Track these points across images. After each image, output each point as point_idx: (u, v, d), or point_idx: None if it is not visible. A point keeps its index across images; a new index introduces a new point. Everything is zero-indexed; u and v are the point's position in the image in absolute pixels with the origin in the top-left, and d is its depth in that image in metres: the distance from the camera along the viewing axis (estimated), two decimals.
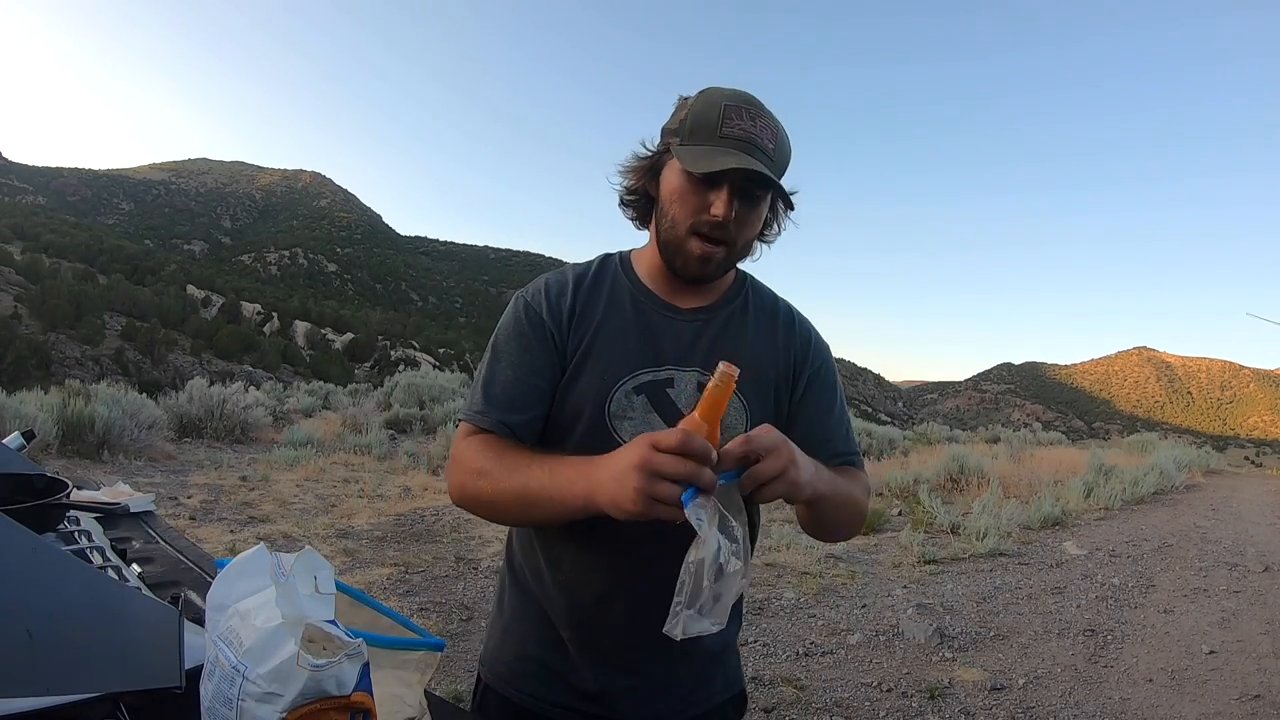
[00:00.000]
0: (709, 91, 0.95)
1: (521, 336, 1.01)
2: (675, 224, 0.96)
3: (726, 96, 0.93)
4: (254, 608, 0.53)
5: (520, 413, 0.98)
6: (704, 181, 0.92)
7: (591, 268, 1.08)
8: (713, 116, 0.91)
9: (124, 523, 1.38)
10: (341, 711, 0.51)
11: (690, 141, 0.92)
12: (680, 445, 0.71)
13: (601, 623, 1.01)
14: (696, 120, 0.93)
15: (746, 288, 1.10)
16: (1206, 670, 3.39)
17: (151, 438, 8.30)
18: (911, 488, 8.11)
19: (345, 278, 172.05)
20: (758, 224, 0.99)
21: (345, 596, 0.68)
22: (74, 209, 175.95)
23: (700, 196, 0.93)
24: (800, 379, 1.07)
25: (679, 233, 0.96)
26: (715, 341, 1.03)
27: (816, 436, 1.04)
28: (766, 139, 0.92)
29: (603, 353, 1.00)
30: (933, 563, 5.28)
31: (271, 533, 5.19)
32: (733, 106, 0.92)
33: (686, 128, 0.93)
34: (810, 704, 3.01)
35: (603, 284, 1.05)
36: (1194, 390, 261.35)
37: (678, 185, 0.95)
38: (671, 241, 0.97)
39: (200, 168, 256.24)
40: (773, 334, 1.07)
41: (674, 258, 0.98)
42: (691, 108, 0.94)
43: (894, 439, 14.01)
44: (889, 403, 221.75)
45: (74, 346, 38.31)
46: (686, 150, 0.92)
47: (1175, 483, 9.37)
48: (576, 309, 1.02)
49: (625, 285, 1.05)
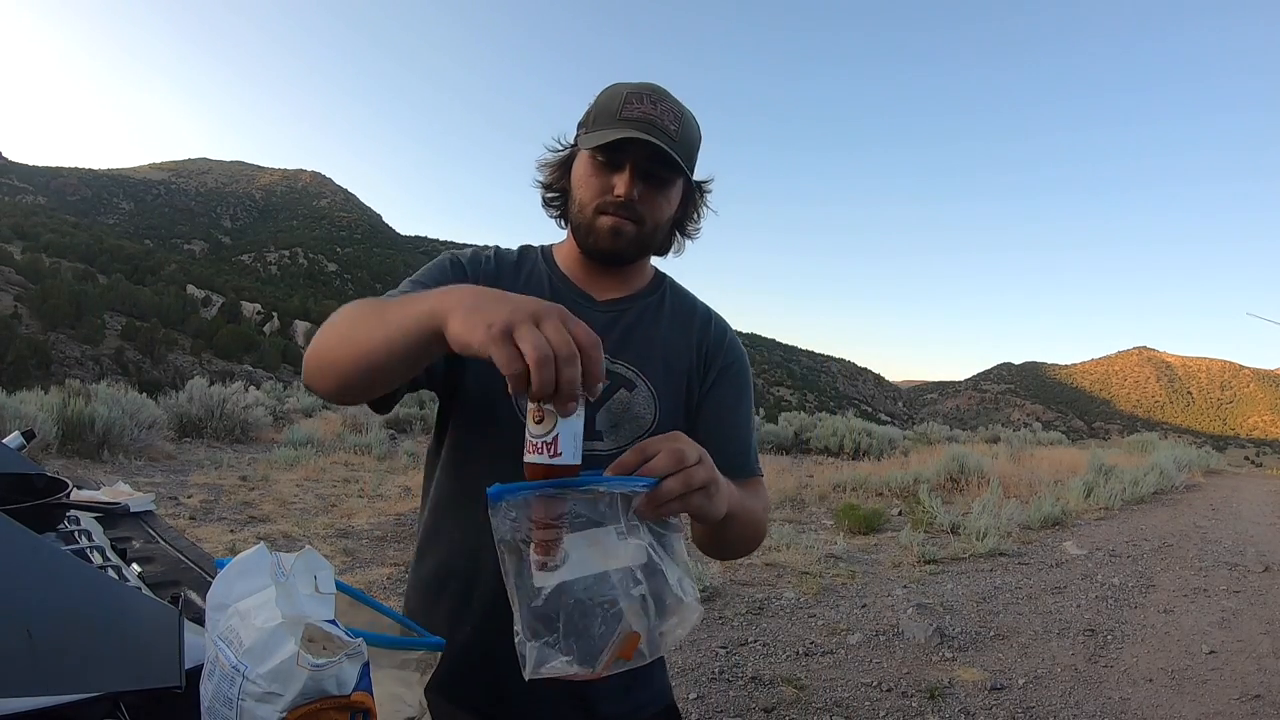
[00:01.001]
0: (614, 86, 0.97)
1: (442, 275, 0.99)
2: (583, 206, 0.97)
3: (630, 86, 0.95)
4: (254, 607, 0.53)
5: None
6: (607, 164, 0.94)
7: (512, 253, 1.09)
8: (614, 104, 0.93)
9: (124, 522, 1.38)
10: (341, 711, 0.51)
11: (594, 128, 0.95)
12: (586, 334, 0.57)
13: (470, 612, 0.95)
14: (600, 109, 0.95)
15: (665, 286, 1.11)
16: (1206, 670, 3.39)
17: (151, 437, 8.30)
18: (911, 488, 8.11)
19: (345, 277, 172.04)
20: (668, 207, 0.99)
21: (345, 596, 0.67)
22: (74, 209, 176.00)
23: (603, 178, 0.94)
24: (710, 372, 1.06)
25: (587, 214, 0.97)
26: (629, 331, 1.02)
27: (719, 434, 1.00)
28: (668, 121, 0.93)
29: None
30: (933, 562, 5.29)
31: (271, 532, 5.19)
32: (634, 93, 0.94)
33: (590, 117, 0.96)
34: (810, 704, 3.01)
35: (523, 266, 1.06)
36: (1194, 390, 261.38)
37: (583, 170, 0.96)
38: (582, 224, 0.98)
39: (200, 167, 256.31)
40: (687, 329, 1.07)
41: (586, 238, 0.98)
42: (597, 101, 0.97)
43: (894, 439, 14.03)
44: (889, 402, 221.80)
45: (74, 346, 38.32)
46: (588, 135, 0.94)
47: (1175, 483, 9.38)
48: (494, 279, 1.01)
49: (544, 272, 1.05)
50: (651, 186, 0.95)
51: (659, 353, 1.02)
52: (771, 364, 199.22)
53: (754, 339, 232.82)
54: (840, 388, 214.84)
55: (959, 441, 14.61)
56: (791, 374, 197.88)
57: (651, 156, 0.92)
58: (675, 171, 0.95)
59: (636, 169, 0.93)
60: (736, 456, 1.01)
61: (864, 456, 12.85)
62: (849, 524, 6.51)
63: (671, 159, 0.91)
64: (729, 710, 2.93)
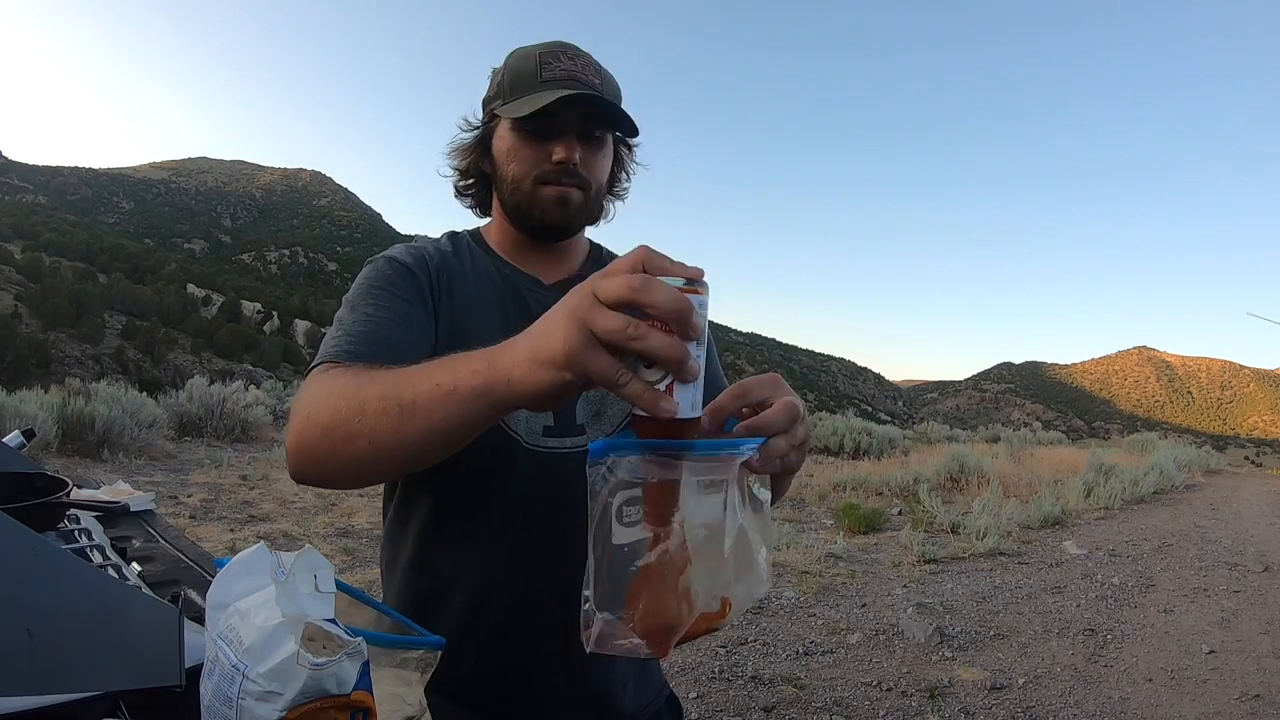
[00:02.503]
0: (519, 49, 0.90)
1: (390, 284, 0.86)
2: (518, 181, 0.88)
3: (539, 47, 0.88)
4: (254, 606, 0.53)
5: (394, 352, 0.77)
6: (537, 132, 0.86)
7: (443, 242, 0.97)
8: (530, 66, 0.86)
9: (124, 521, 1.38)
10: (341, 710, 0.51)
11: (513, 96, 0.87)
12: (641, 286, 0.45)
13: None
14: (514, 75, 0.87)
15: (604, 256, 1.04)
16: (1206, 670, 3.39)
17: (151, 436, 8.31)
18: (911, 487, 8.11)
19: (345, 276, 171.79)
20: (606, 165, 0.93)
21: (345, 595, 0.67)
22: (74, 208, 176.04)
23: (537, 147, 0.87)
24: None
25: (524, 188, 0.88)
26: None
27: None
28: (590, 75, 0.87)
29: (480, 333, 0.86)
30: (933, 562, 5.29)
31: (271, 531, 5.19)
32: (548, 52, 0.87)
33: (505, 86, 0.88)
34: (810, 703, 3.01)
35: (462, 255, 0.95)
36: (1194, 390, 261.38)
37: (510, 144, 0.88)
38: (520, 200, 0.90)
39: (200, 166, 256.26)
40: None
41: (528, 214, 0.90)
42: (507, 68, 0.89)
43: (894, 438, 14.02)
44: (889, 402, 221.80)
45: (74, 345, 38.32)
46: (511, 105, 0.86)
47: (1175, 482, 9.37)
48: (443, 274, 0.91)
49: (485, 259, 0.96)
50: (590, 147, 0.89)
51: None
52: (771, 363, 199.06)
53: (754, 338, 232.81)
54: (840, 387, 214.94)
55: (959, 441, 14.61)
56: (791, 373, 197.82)
57: (586, 115, 0.85)
58: (614, 127, 0.89)
59: (572, 131, 0.86)
60: None
61: (864, 456, 12.85)
62: (849, 523, 6.51)
63: (612, 113, 0.85)
64: (729, 709, 2.94)
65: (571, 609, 0.54)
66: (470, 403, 0.55)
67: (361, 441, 0.62)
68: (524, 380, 0.51)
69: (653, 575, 0.50)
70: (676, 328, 0.46)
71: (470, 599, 0.90)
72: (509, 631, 0.90)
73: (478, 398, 0.54)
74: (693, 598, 0.51)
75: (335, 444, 0.64)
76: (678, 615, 0.51)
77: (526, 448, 0.88)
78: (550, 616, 0.88)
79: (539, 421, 0.88)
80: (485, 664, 0.90)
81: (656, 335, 0.45)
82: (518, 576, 0.89)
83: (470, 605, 0.90)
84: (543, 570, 0.88)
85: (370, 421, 0.61)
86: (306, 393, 0.70)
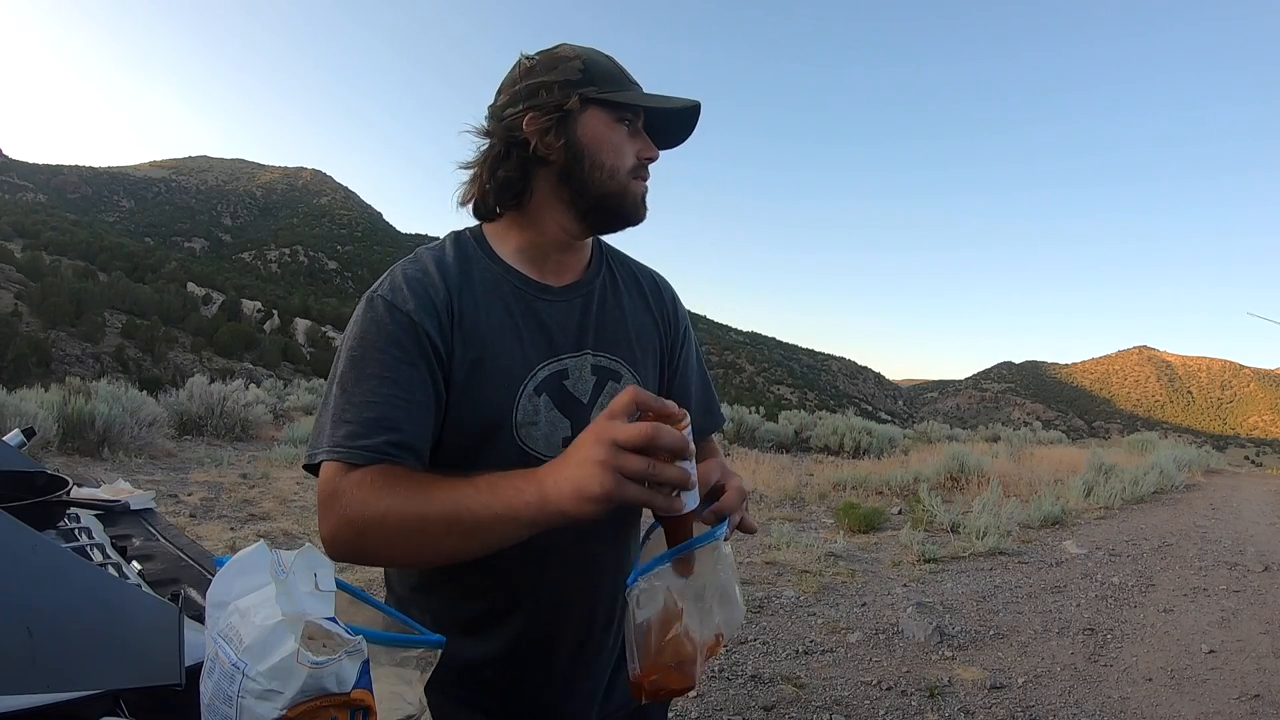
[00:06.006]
0: (575, 47, 0.91)
1: (392, 344, 0.82)
2: (615, 172, 0.90)
3: (599, 52, 0.92)
4: (254, 605, 0.53)
5: (403, 433, 0.80)
6: (628, 125, 0.90)
7: (449, 254, 0.92)
8: (614, 66, 0.91)
9: (124, 520, 1.38)
10: (341, 709, 0.51)
11: (611, 87, 0.89)
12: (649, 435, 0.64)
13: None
14: (598, 69, 0.89)
15: (605, 252, 1.04)
16: (1206, 669, 3.39)
17: (152, 435, 8.31)
18: (911, 486, 8.11)
19: (346, 275, 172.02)
20: None
21: (345, 594, 0.67)
22: (74, 206, 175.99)
23: (633, 140, 0.91)
24: (675, 341, 1.04)
25: (620, 179, 0.90)
26: (600, 317, 0.96)
27: (695, 396, 1.05)
28: None
29: (498, 353, 0.87)
30: (932, 561, 5.29)
31: (271, 530, 5.19)
32: (615, 61, 0.92)
33: (596, 75, 0.89)
34: (810, 702, 3.01)
35: (470, 271, 0.91)
36: (1194, 390, 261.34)
37: (606, 133, 0.89)
38: (614, 192, 0.90)
39: (201, 165, 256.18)
40: (644, 301, 1.03)
41: (618, 205, 0.91)
42: (582, 58, 0.89)
43: (894, 438, 14.03)
44: (889, 401, 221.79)
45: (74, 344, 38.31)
46: (620, 95, 0.89)
47: (1175, 482, 9.37)
48: (454, 304, 0.87)
49: (491, 269, 0.92)
50: None
51: (633, 332, 0.99)
52: (772, 363, 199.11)
53: (754, 337, 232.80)
54: (840, 386, 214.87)
55: (959, 440, 14.62)
56: (792, 372, 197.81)
57: (682, 124, 0.94)
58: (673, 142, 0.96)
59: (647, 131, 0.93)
60: (713, 414, 1.08)
61: (864, 455, 12.86)
62: (849, 522, 6.51)
63: (690, 126, 0.94)
64: (728, 708, 2.94)
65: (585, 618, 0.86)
66: (527, 527, 0.70)
67: (430, 551, 0.76)
68: (576, 511, 0.66)
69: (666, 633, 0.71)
70: (678, 458, 0.65)
71: (493, 610, 0.92)
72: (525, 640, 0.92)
73: (534, 524, 0.70)
74: (695, 637, 0.72)
75: (397, 552, 0.78)
76: (692, 653, 0.71)
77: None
78: (567, 622, 0.93)
79: (558, 435, 0.90)
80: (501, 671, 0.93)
81: (667, 469, 0.64)
82: (540, 593, 0.91)
83: (494, 615, 0.92)
84: (560, 583, 0.91)
85: (434, 540, 0.74)
86: (347, 500, 0.76)
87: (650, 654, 0.70)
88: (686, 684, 0.71)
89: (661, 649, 0.70)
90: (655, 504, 0.66)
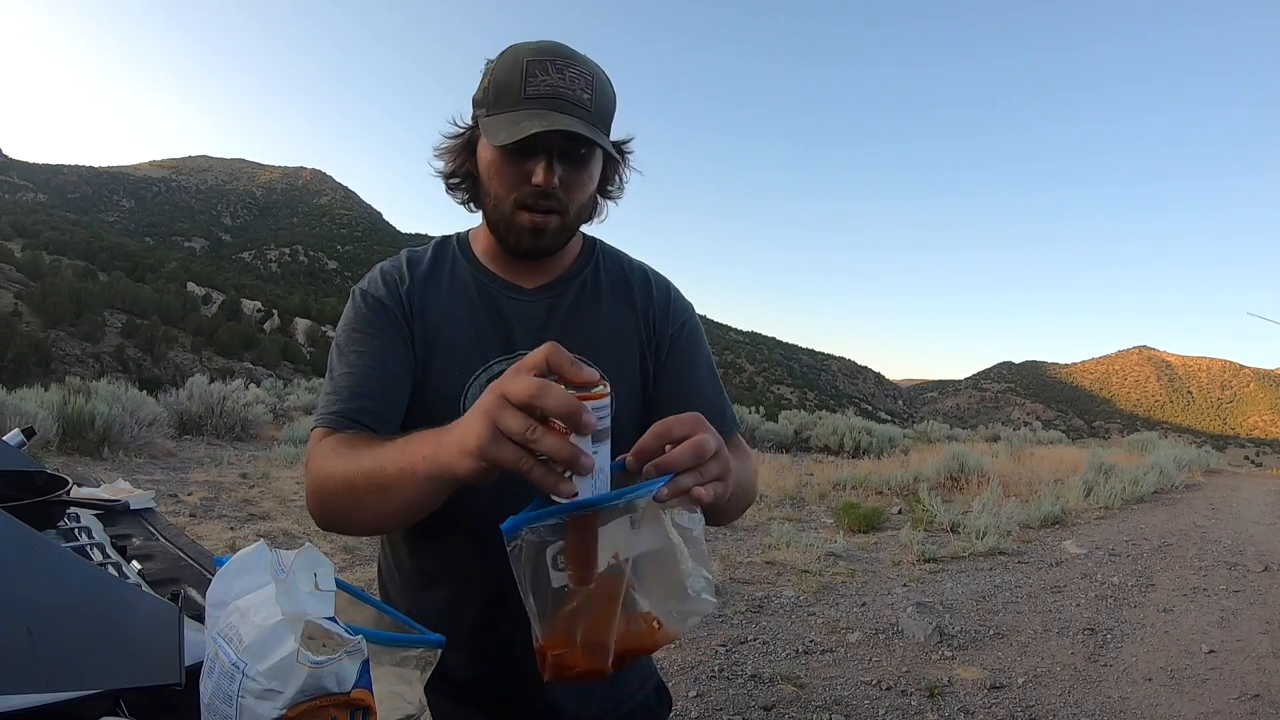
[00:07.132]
0: (511, 49, 0.85)
1: (367, 324, 0.92)
2: (499, 201, 0.88)
3: (530, 51, 0.83)
4: (254, 605, 0.53)
5: (374, 399, 0.87)
6: (518, 151, 0.83)
7: (428, 252, 1.00)
8: (515, 77, 0.82)
9: (124, 520, 1.38)
10: (341, 708, 0.51)
11: (495, 110, 0.83)
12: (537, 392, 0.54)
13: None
14: (499, 85, 0.83)
15: (596, 255, 1.02)
16: (1206, 669, 3.39)
17: (152, 435, 8.31)
18: (911, 486, 8.11)
19: (346, 275, 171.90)
20: (590, 183, 0.90)
21: (345, 594, 0.68)
22: (74, 206, 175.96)
23: (517, 167, 0.84)
24: (664, 340, 0.99)
25: (504, 209, 0.88)
26: (568, 319, 0.95)
27: (689, 402, 0.91)
28: (580, 89, 0.82)
29: (452, 344, 0.92)
30: (932, 561, 5.29)
31: (271, 530, 5.19)
32: (536, 62, 0.82)
33: (490, 95, 0.84)
34: (810, 702, 3.01)
35: (442, 268, 0.97)
36: (1194, 390, 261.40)
37: (492, 159, 0.86)
38: (499, 220, 0.89)
39: (201, 165, 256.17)
40: (629, 299, 0.99)
41: (505, 235, 0.90)
42: (493, 72, 0.85)
43: (894, 437, 14.02)
44: (889, 401, 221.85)
45: (74, 344, 38.31)
46: (491, 121, 0.83)
47: (1175, 482, 9.36)
48: (415, 296, 0.94)
49: (465, 268, 0.97)
50: (572, 167, 0.86)
51: (605, 336, 0.96)
52: (772, 362, 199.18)
53: (754, 337, 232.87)
54: (840, 386, 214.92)
55: (959, 440, 14.61)
56: (792, 372, 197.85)
57: (568, 137, 0.82)
58: (595, 146, 0.85)
59: (554, 152, 0.83)
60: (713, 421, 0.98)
61: (864, 455, 12.85)
62: (849, 522, 6.51)
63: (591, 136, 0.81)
64: (728, 708, 2.94)
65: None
66: (424, 483, 0.67)
67: (360, 511, 0.77)
68: (456, 466, 0.61)
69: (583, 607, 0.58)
70: (570, 428, 0.54)
71: (452, 598, 0.95)
72: (485, 633, 0.93)
73: (429, 479, 0.66)
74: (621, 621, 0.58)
75: (343, 513, 0.80)
76: (605, 635, 0.57)
77: None
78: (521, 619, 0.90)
79: None
80: (473, 665, 0.94)
81: (549, 437, 0.54)
82: (487, 579, 0.91)
83: (452, 605, 0.94)
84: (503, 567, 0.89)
85: (359, 497, 0.75)
86: (311, 463, 0.83)
87: (553, 621, 0.58)
88: (595, 668, 0.57)
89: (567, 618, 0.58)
90: (532, 476, 0.55)
